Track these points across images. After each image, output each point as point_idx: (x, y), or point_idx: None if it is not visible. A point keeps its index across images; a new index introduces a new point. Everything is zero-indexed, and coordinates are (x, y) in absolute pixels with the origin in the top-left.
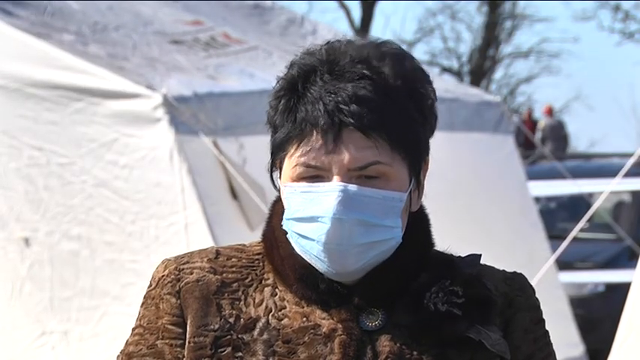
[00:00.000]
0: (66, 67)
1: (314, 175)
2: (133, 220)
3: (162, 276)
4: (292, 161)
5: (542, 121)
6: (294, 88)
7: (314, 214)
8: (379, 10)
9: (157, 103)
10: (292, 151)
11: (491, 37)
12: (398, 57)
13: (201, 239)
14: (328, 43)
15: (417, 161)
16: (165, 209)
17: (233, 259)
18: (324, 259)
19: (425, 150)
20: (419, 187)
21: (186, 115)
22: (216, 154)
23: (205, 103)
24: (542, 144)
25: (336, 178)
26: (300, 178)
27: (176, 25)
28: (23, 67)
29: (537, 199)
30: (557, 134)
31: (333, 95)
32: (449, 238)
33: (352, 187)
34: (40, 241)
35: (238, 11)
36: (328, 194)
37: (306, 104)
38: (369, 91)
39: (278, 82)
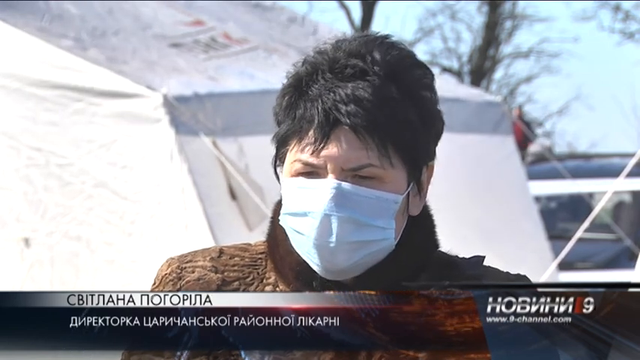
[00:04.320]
0: (66, 66)
1: (311, 171)
2: (133, 220)
3: (165, 274)
4: (291, 157)
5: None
6: (299, 85)
7: (307, 209)
8: (379, 10)
9: (157, 103)
10: (292, 146)
11: (491, 37)
12: (398, 57)
13: (201, 239)
14: (337, 41)
15: (416, 165)
16: (166, 209)
17: (236, 258)
18: (314, 255)
19: (426, 154)
20: (420, 192)
21: (186, 115)
22: (217, 154)
23: (205, 103)
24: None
25: (331, 175)
26: (298, 174)
27: (176, 27)
28: (23, 66)
29: (537, 199)
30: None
31: (331, 94)
32: (449, 238)
33: (346, 185)
34: (40, 241)
35: (240, 8)
36: (321, 190)
37: (305, 102)
38: (368, 93)
39: (288, 78)
